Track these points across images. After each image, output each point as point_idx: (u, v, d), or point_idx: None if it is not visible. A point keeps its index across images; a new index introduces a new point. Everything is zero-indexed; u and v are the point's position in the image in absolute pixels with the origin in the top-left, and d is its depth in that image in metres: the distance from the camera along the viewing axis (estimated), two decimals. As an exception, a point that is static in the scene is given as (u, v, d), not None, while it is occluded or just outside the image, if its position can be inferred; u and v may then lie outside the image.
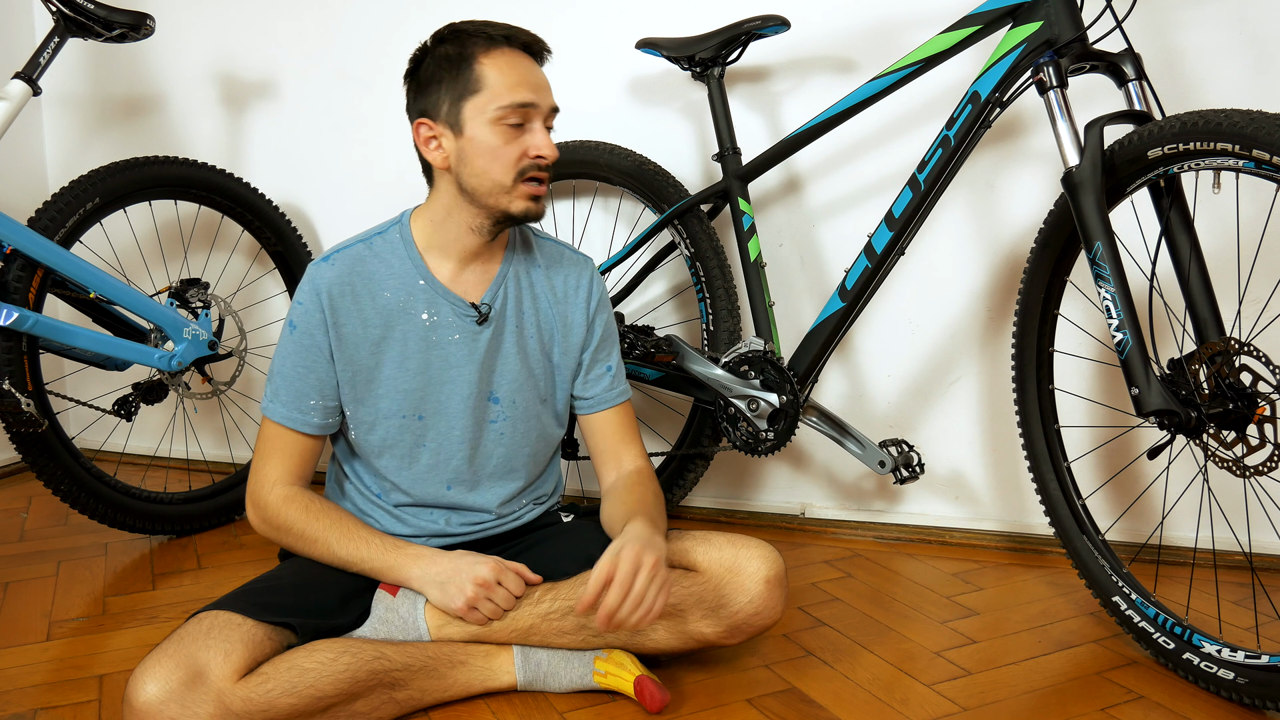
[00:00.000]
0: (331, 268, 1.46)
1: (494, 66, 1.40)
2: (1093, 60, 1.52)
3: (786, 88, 2.11)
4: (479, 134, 1.40)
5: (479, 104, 1.40)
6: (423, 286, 1.48)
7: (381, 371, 1.48)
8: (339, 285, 1.45)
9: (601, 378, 1.60)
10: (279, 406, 1.47)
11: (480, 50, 1.41)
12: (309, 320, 1.45)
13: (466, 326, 1.49)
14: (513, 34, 1.43)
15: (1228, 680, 1.39)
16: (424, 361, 1.48)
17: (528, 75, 1.41)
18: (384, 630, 1.41)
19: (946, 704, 1.42)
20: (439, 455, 1.52)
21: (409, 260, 1.48)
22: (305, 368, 1.46)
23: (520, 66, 1.41)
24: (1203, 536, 1.86)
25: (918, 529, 2.12)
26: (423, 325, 1.48)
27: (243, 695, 1.22)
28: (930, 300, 2.07)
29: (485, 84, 1.40)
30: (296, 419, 1.47)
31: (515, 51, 1.42)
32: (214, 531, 2.19)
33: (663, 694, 1.38)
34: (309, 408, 1.47)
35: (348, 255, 1.48)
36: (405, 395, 1.48)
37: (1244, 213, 1.74)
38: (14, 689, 1.48)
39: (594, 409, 1.60)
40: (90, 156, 2.63)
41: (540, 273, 1.56)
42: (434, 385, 1.49)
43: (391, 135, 2.41)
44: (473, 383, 1.50)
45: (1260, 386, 1.34)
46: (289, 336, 1.47)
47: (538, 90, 1.41)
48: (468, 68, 1.40)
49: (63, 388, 2.59)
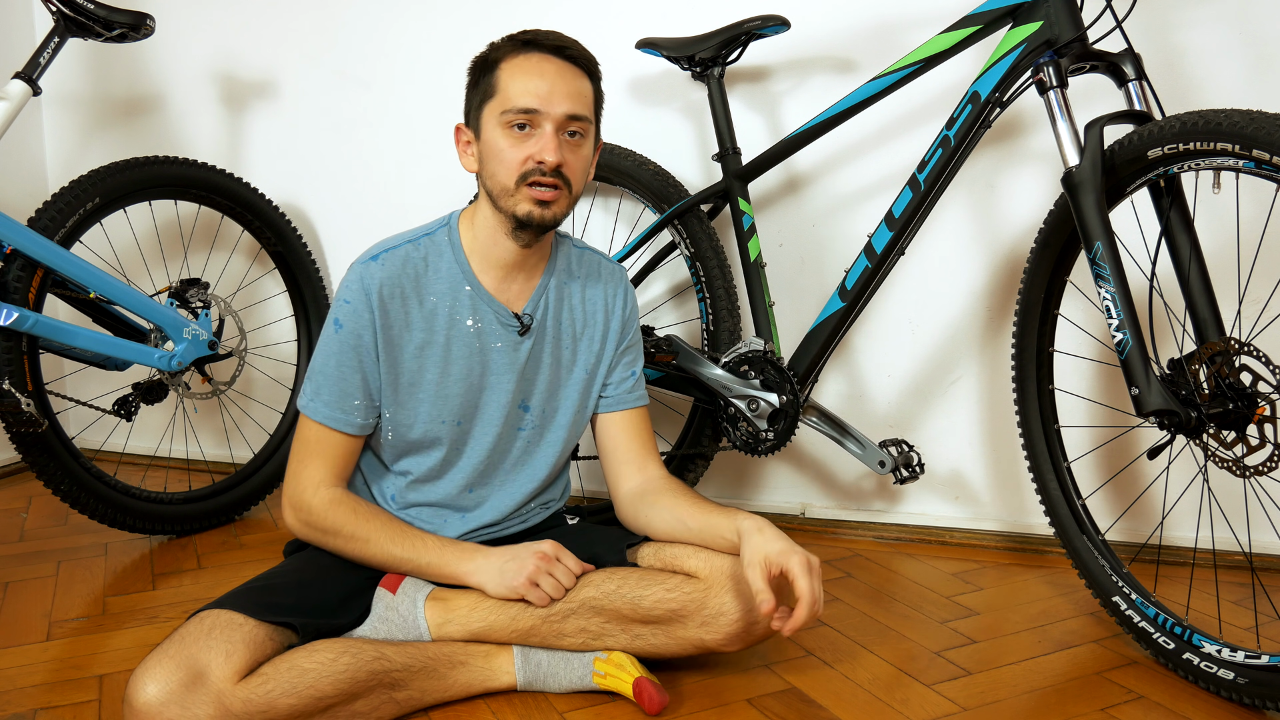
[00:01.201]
0: (381, 267, 1.44)
1: (510, 71, 1.40)
2: (1093, 60, 1.52)
3: (786, 88, 2.11)
4: (490, 137, 1.41)
5: (493, 108, 1.41)
6: (469, 292, 1.47)
7: (425, 375, 1.47)
8: (389, 286, 1.43)
9: (625, 379, 1.60)
10: (321, 406, 1.45)
11: (505, 56, 1.42)
12: (357, 320, 1.43)
13: (509, 336, 1.49)
14: (538, 39, 1.42)
15: (1228, 680, 1.39)
16: (467, 368, 1.48)
17: (539, 81, 1.39)
18: (384, 629, 1.41)
19: (946, 704, 1.42)
20: (470, 459, 1.52)
21: (456, 265, 1.48)
22: (351, 368, 1.44)
23: (538, 72, 1.39)
24: (1203, 536, 1.86)
25: (918, 529, 2.12)
26: (468, 331, 1.47)
27: (243, 696, 1.22)
28: (930, 300, 2.07)
29: (499, 88, 1.40)
30: (340, 419, 1.45)
31: (540, 56, 1.41)
32: (214, 531, 2.19)
33: (661, 696, 1.38)
34: (353, 408, 1.45)
35: (396, 255, 1.45)
36: (447, 400, 1.48)
37: (1244, 213, 1.74)
38: (14, 689, 1.48)
39: (614, 408, 1.60)
40: (90, 156, 2.63)
41: (578, 285, 1.56)
42: (475, 392, 1.49)
43: (391, 135, 2.41)
44: (510, 391, 1.50)
45: (1260, 386, 1.34)
46: (334, 336, 1.44)
47: (546, 98, 1.38)
48: (491, 73, 1.42)
49: (63, 388, 2.59)
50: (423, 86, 2.35)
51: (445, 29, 2.32)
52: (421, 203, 2.34)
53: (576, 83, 1.42)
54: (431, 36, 2.33)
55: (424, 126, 2.35)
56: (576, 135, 1.42)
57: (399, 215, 2.32)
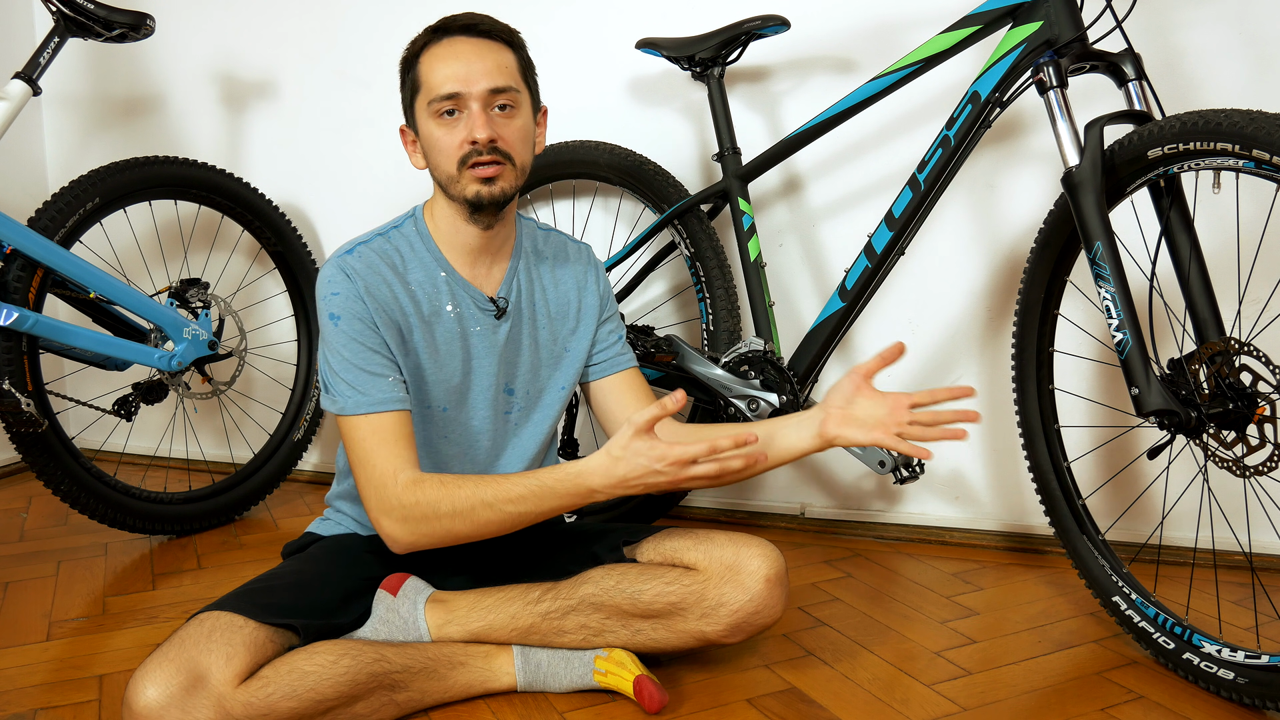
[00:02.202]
0: (359, 259, 1.43)
1: (429, 61, 1.40)
2: (1093, 60, 1.52)
3: (786, 88, 2.11)
4: (426, 130, 1.42)
5: (421, 101, 1.42)
6: (444, 278, 1.47)
7: (410, 360, 1.45)
8: (369, 273, 1.42)
9: (613, 344, 1.61)
10: (355, 396, 1.37)
11: (423, 47, 1.42)
12: (352, 305, 1.39)
13: (486, 320, 1.49)
14: (449, 23, 1.42)
15: (1228, 680, 1.39)
16: (451, 353, 1.48)
17: (455, 64, 1.38)
18: (384, 630, 1.41)
19: (946, 704, 1.42)
20: (461, 447, 1.52)
21: (428, 253, 1.48)
22: (366, 346, 1.39)
23: (453, 55, 1.39)
24: (1203, 536, 1.86)
25: (918, 529, 2.12)
26: (450, 316, 1.47)
27: (243, 700, 1.21)
28: (930, 300, 2.07)
29: (423, 80, 1.41)
30: (379, 401, 1.37)
31: (452, 40, 1.40)
32: (214, 531, 2.19)
33: (661, 694, 1.38)
34: (387, 385, 1.38)
35: (369, 247, 1.45)
36: (434, 387, 1.47)
37: (1244, 213, 1.74)
38: (14, 689, 1.48)
39: (606, 372, 1.60)
40: (90, 156, 2.63)
41: (548, 266, 1.57)
42: (461, 377, 1.49)
43: (391, 135, 2.40)
44: (493, 374, 1.50)
45: (1260, 386, 1.34)
46: (335, 329, 1.39)
47: (464, 79, 1.37)
48: (414, 68, 1.43)
49: (63, 388, 2.59)
50: (423, 86, 2.35)
51: (445, 29, 2.32)
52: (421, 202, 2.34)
53: (495, 55, 1.41)
54: (431, 36, 2.33)
55: (424, 126, 2.35)
56: (507, 108, 1.41)
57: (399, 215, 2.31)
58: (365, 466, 1.37)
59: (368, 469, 1.36)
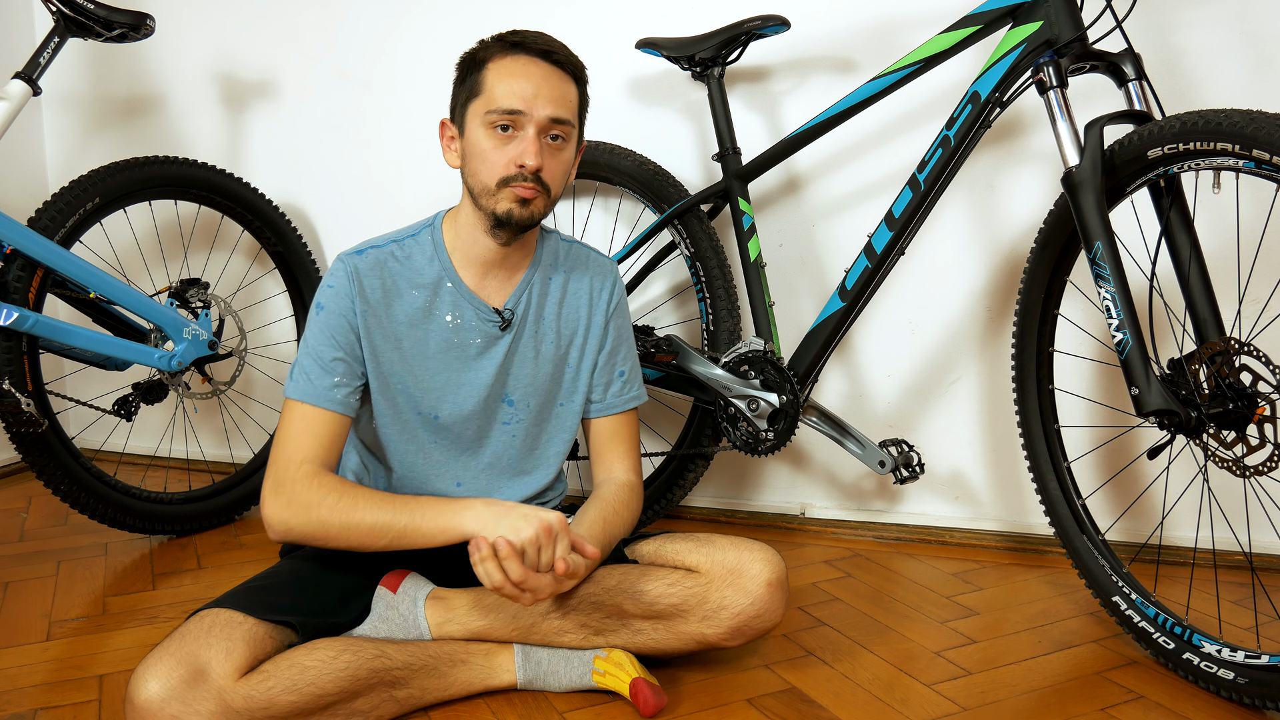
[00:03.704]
0: (364, 259, 1.46)
1: (496, 72, 1.40)
2: (1093, 60, 1.52)
3: (786, 88, 2.11)
4: (473, 135, 1.42)
5: (477, 107, 1.41)
6: (450, 289, 1.48)
7: (399, 367, 1.47)
8: (371, 276, 1.45)
9: (611, 383, 1.60)
10: (304, 383, 1.42)
11: (493, 56, 1.42)
12: (339, 302, 1.44)
13: (489, 331, 1.50)
14: (526, 41, 1.42)
15: (1228, 680, 1.40)
16: (443, 362, 1.49)
17: (524, 83, 1.39)
18: (384, 628, 1.41)
19: (946, 704, 1.42)
20: (449, 453, 1.52)
21: (438, 262, 1.49)
22: (335, 344, 1.43)
23: (524, 74, 1.40)
24: (1203, 536, 1.86)
25: (918, 529, 2.12)
26: (446, 327, 1.48)
27: (244, 693, 1.22)
28: (930, 300, 2.07)
29: (485, 88, 1.41)
30: (322, 395, 1.41)
31: (527, 59, 1.41)
32: (214, 531, 2.19)
33: (658, 698, 1.37)
34: (333, 384, 1.42)
35: (379, 251, 1.48)
36: (424, 394, 1.48)
37: (1244, 213, 1.74)
38: (14, 689, 1.48)
39: (600, 414, 1.61)
40: (90, 156, 2.63)
41: (561, 278, 1.56)
42: (451, 387, 1.49)
43: (391, 135, 2.41)
44: (487, 385, 1.50)
45: (1260, 386, 1.34)
46: (316, 318, 1.44)
47: (530, 100, 1.38)
48: (478, 72, 1.42)
49: (63, 388, 2.59)
50: (423, 87, 2.35)
51: (446, 29, 2.32)
52: (421, 202, 2.34)
53: (561, 87, 1.42)
54: (432, 36, 2.33)
55: (424, 127, 2.35)
56: (559, 139, 1.42)
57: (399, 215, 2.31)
58: (280, 446, 1.41)
59: (280, 448, 1.40)
